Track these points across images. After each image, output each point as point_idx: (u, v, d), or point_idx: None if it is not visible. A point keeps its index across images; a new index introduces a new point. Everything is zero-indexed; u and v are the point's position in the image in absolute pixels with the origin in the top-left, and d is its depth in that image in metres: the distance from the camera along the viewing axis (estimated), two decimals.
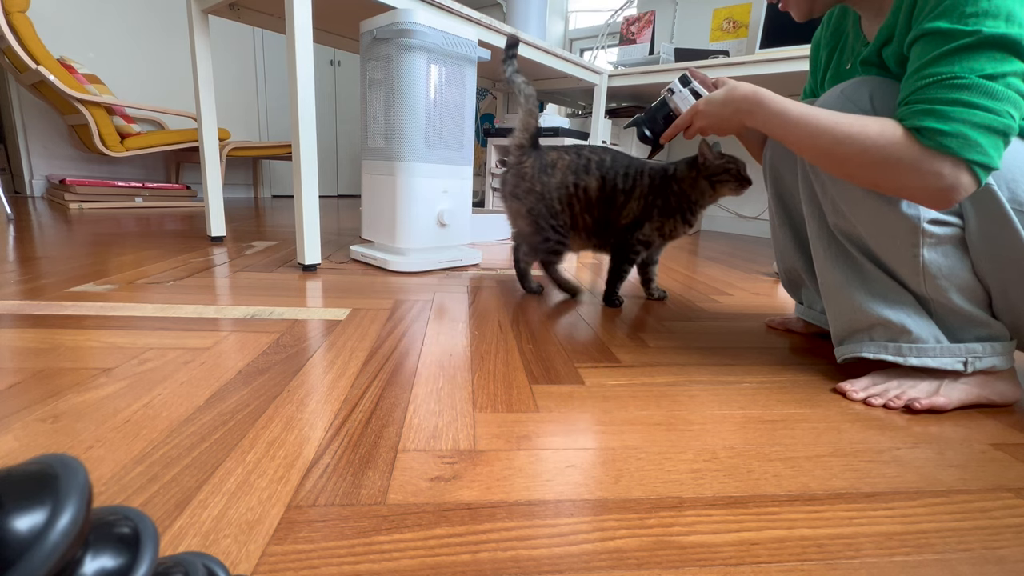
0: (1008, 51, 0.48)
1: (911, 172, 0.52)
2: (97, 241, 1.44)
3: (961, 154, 0.50)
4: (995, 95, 0.48)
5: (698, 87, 0.75)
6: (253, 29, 3.40)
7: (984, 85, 0.48)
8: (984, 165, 0.50)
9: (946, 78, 0.50)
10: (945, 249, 0.58)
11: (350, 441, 0.47)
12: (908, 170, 0.53)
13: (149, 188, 2.52)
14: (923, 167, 0.52)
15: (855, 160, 0.55)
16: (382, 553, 0.34)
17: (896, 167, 0.53)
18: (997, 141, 0.50)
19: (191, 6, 1.35)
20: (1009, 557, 0.36)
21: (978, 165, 0.50)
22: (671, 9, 2.82)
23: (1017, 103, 0.49)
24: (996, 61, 0.48)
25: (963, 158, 0.50)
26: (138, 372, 0.59)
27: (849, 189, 0.61)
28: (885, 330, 0.63)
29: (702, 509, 0.40)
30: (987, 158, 0.50)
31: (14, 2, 2.06)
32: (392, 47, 1.11)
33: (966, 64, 0.49)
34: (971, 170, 0.51)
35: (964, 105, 0.49)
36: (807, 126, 0.58)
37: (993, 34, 0.47)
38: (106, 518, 0.20)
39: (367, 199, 1.29)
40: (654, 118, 0.81)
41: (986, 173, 0.51)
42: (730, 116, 0.67)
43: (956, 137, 0.50)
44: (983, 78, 0.48)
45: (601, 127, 2.22)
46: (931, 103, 0.51)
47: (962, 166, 0.51)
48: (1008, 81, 0.48)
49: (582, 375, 0.66)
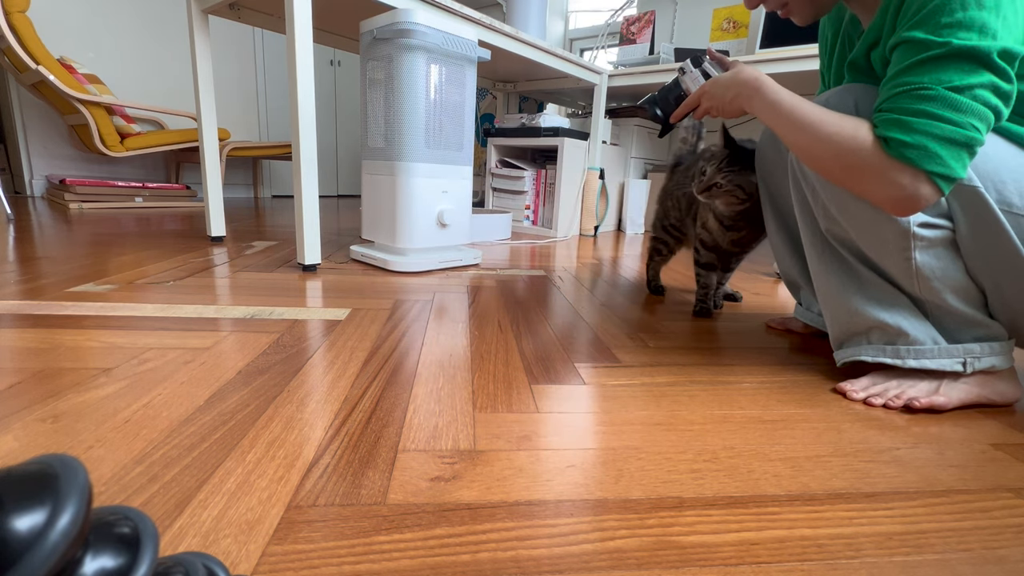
0: (977, 63, 0.48)
1: (874, 179, 0.54)
2: (97, 241, 1.44)
3: (921, 165, 0.51)
4: (959, 107, 0.49)
5: (709, 68, 0.75)
6: (253, 29, 3.40)
7: (949, 97, 0.49)
8: (945, 176, 0.51)
9: (914, 88, 0.51)
10: (937, 251, 0.58)
11: (350, 441, 0.47)
12: (872, 177, 0.54)
13: (149, 188, 2.52)
14: (886, 176, 0.53)
15: (829, 160, 0.56)
16: (382, 553, 0.34)
17: (862, 173, 0.54)
18: (959, 152, 0.50)
19: (191, 6, 1.35)
20: (1009, 557, 0.36)
21: (938, 176, 0.51)
22: (671, 9, 2.82)
23: (982, 115, 0.49)
24: (964, 73, 0.48)
25: (923, 169, 0.51)
26: (138, 372, 0.59)
27: (839, 194, 0.61)
28: (882, 333, 0.63)
29: (702, 509, 0.40)
30: (947, 169, 0.50)
31: (14, 2, 2.06)
32: (392, 47, 1.11)
33: (934, 75, 0.50)
34: (931, 181, 0.51)
35: (928, 116, 0.50)
36: (794, 119, 0.58)
37: (963, 46, 0.48)
38: (106, 518, 0.20)
39: (367, 199, 1.29)
40: (665, 98, 0.81)
41: (948, 184, 0.52)
42: (731, 100, 0.67)
43: (917, 148, 0.51)
44: (949, 90, 0.49)
45: (601, 127, 2.22)
46: (898, 113, 0.52)
47: (922, 177, 0.51)
48: (975, 93, 0.49)
49: (582, 375, 0.66)
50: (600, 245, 1.99)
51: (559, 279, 1.28)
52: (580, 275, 1.35)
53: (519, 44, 1.72)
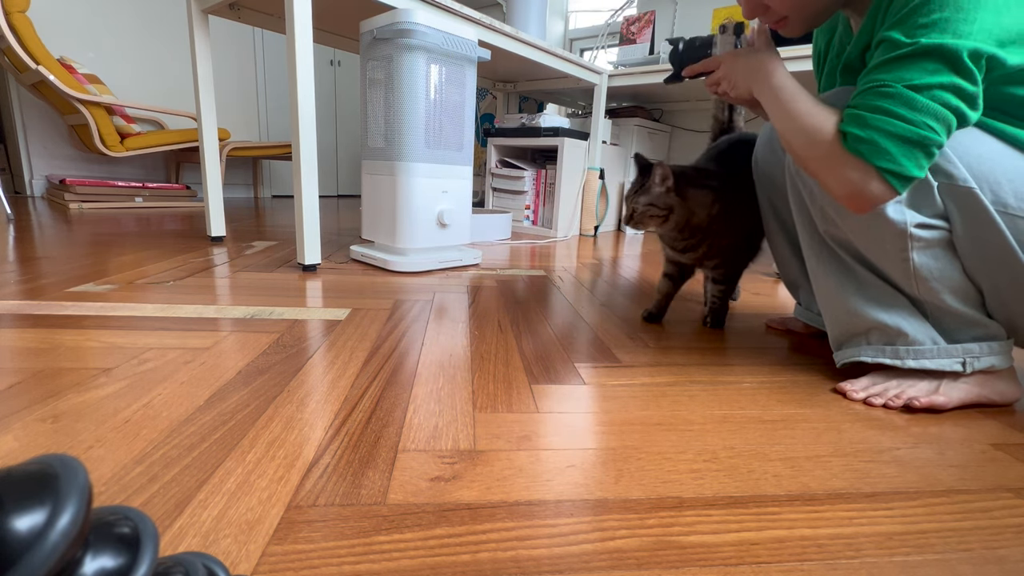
0: (942, 61, 0.48)
1: (830, 171, 0.55)
2: (97, 241, 1.44)
3: (870, 160, 0.51)
4: (915, 106, 0.49)
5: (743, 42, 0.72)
6: (253, 29, 3.40)
7: (905, 95, 0.49)
8: (895, 174, 0.51)
9: (877, 85, 0.51)
10: (935, 252, 0.58)
11: (350, 441, 0.47)
12: (828, 169, 0.55)
13: (149, 188, 2.51)
14: (839, 168, 0.54)
15: (802, 150, 0.57)
16: (382, 553, 0.34)
17: (820, 164, 0.56)
18: (911, 151, 0.50)
19: (191, 6, 1.34)
20: (1009, 557, 0.36)
21: (888, 173, 0.51)
22: (671, 9, 2.82)
23: (939, 115, 0.49)
24: (927, 72, 0.48)
25: (872, 164, 0.51)
26: (138, 372, 0.59)
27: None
28: (881, 334, 0.63)
29: (702, 509, 0.40)
30: (898, 167, 0.51)
31: (14, 2, 2.06)
32: (392, 47, 1.11)
33: (897, 73, 0.50)
34: (882, 177, 0.52)
35: (883, 113, 0.50)
36: (787, 108, 0.59)
37: (930, 44, 0.48)
38: (106, 518, 0.20)
39: (367, 199, 1.29)
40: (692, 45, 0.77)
41: (901, 182, 0.52)
42: (742, 78, 0.66)
43: (868, 143, 0.51)
44: (908, 88, 0.49)
45: (601, 127, 2.22)
46: (859, 108, 0.52)
47: (872, 172, 0.52)
48: (933, 93, 0.49)
49: (582, 375, 0.66)
50: (600, 245, 1.99)
51: (559, 279, 1.28)
52: (580, 275, 1.35)
53: (519, 44, 1.72)
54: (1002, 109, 0.54)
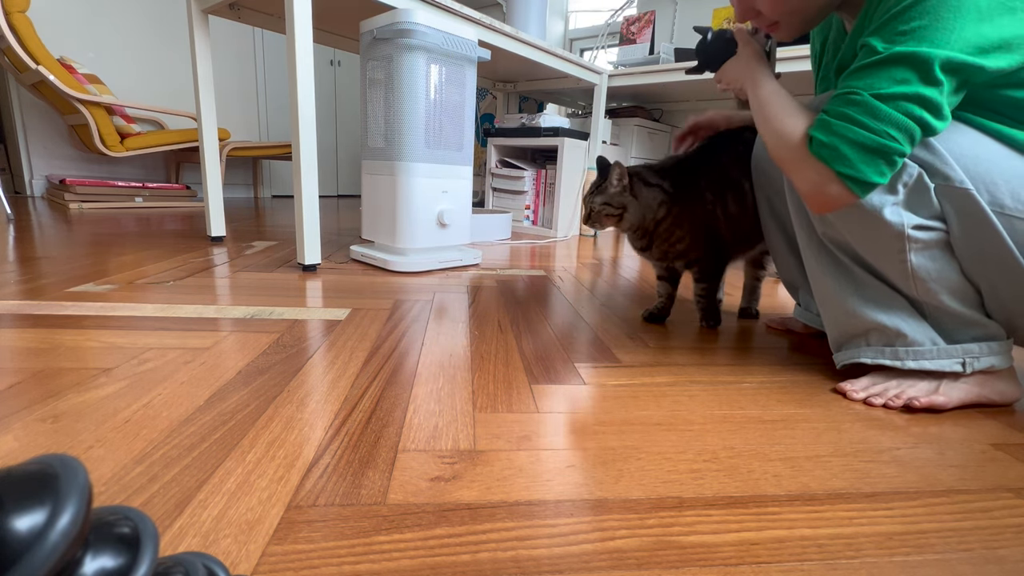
0: (912, 70, 0.48)
1: (796, 171, 0.58)
2: (97, 241, 1.44)
3: (829, 164, 0.53)
4: (877, 115, 0.50)
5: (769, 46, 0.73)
6: (253, 29, 3.40)
7: (869, 103, 0.50)
8: (854, 179, 0.53)
9: (847, 92, 0.52)
10: (932, 253, 0.58)
11: (350, 441, 0.47)
12: (794, 168, 0.58)
13: (149, 188, 2.52)
14: (801, 169, 0.57)
15: (775, 149, 0.60)
16: (382, 553, 0.34)
17: (788, 163, 0.59)
18: (871, 158, 0.51)
19: (191, 6, 1.35)
20: (1009, 557, 0.36)
21: (847, 178, 0.53)
22: (671, 9, 2.82)
23: (901, 124, 0.50)
24: (894, 81, 0.49)
25: (832, 169, 0.53)
26: (138, 372, 0.59)
27: None
28: (881, 335, 0.63)
29: (702, 509, 0.40)
30: (856, 172, 0.52)
31: (14, 2, 2.06)
32: (392, 47, 1.11)
33: (866, 80, 0.51)
34: (840, 181, 0.53)
35: (846, 120, 0.52)
36: (767, 111, 0.62)
37: (902, 52, 0.48)
38: (106, 518, 0.20)
39: (367, 199, 1.29)
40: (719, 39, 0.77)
41: (860, 187, 0.53)
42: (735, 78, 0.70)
43: (829, 148, 0.53)
44: (873, 96, 0.50)
45: (601, 127, 2.22)
46: (827, 115, 0.54)
47: (831, 176, 0.54)
48: (897, 103, 0.49)
49: (582, 375, 0.66)
50: (600, 245, 1.99)
51: (559, 279, 1.28)
52: (580, 275, 1.35)
53: (519, 44, 1.72)
54: (999, 111, 0.54)
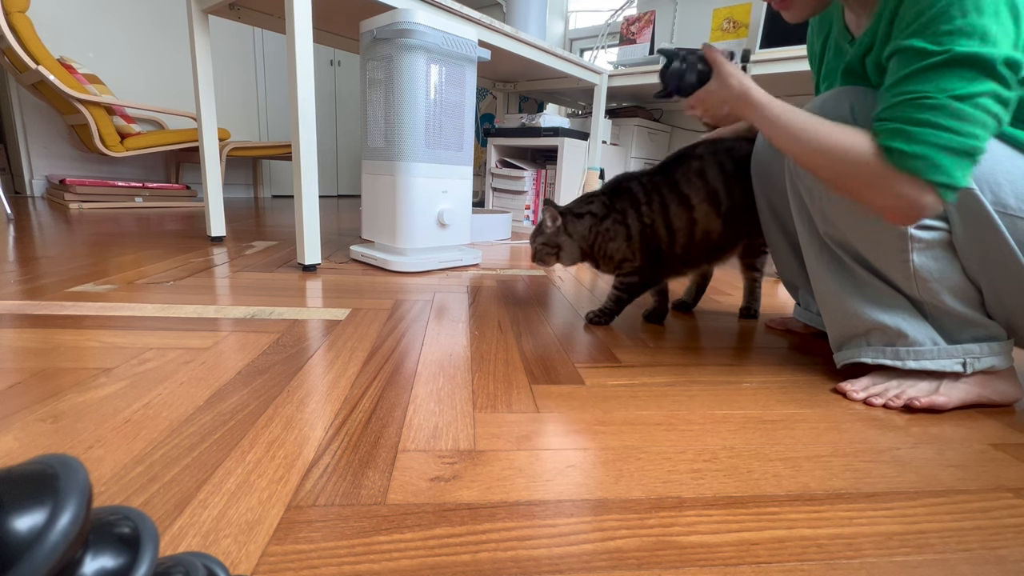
0: (979, 70, 0.48)
1: (876, 189, 0.54)
2: (97, 241, 1.44)
3: (926, 176, 0.51)
4: (963, 116, 0.49)
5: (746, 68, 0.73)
6: (253, 29, 3.40)
7: (952, 106, 0.49)
8: (949, 186, 0.51)
9: (917, 97, 0.50)
10: (934, 253, 0.58)
11: (350, 441, 0.47)
12: (875, 188, 0.54)
13: (149, 188, 2.52)
14: (890, 187, 0.53)
15: (828, 170, 0.56)
16: (382, 553, 0.34)
17: (861, 182, 0.54)
18: (963, 162, 0.50)
19: (191, 6, 1.35)
20: (1009, 557, 0.36)
21: (942, 186, 0.51)
22: (671, 9, 2.82)
23: (985, 123, 0.49)
24: (967, 81, 0.48)
25: (928, 180, 0.51)
26: (138, 372, 0.59)
27: (837, 199, 0.61)
28: (882, 335, 0.63)
29: (702, 509, 0.40)
30: (951, 179, 0.51)
31: (14, 2, 2.06)
32: (392, 47, 1.11)
33: (937, 83, 0.49)
34: (935, 191, 0.51)
35: (931, 127, 0.50)
36: (788, 131, 0.58)
37: (965, 53, 0.47)
38: (106, 518, 0.20)
39: (367, 199, 1.29)
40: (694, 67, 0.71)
41: (951, 193, 0.52)
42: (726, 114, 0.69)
43: (922, 159, 0.50)
44: (953, 98, 0.49)
45: (601, 127, 2.22)
46: (901, 123, 0.51)
47: (927, 187, 0.51)
48: (977, 101, 0.48)
49: (582, 375, 0.66)
50: None
51: (559, 279, 1.28)
52: (580, 275, 1.35)
53: (519, 44, 1.72)
54: None
